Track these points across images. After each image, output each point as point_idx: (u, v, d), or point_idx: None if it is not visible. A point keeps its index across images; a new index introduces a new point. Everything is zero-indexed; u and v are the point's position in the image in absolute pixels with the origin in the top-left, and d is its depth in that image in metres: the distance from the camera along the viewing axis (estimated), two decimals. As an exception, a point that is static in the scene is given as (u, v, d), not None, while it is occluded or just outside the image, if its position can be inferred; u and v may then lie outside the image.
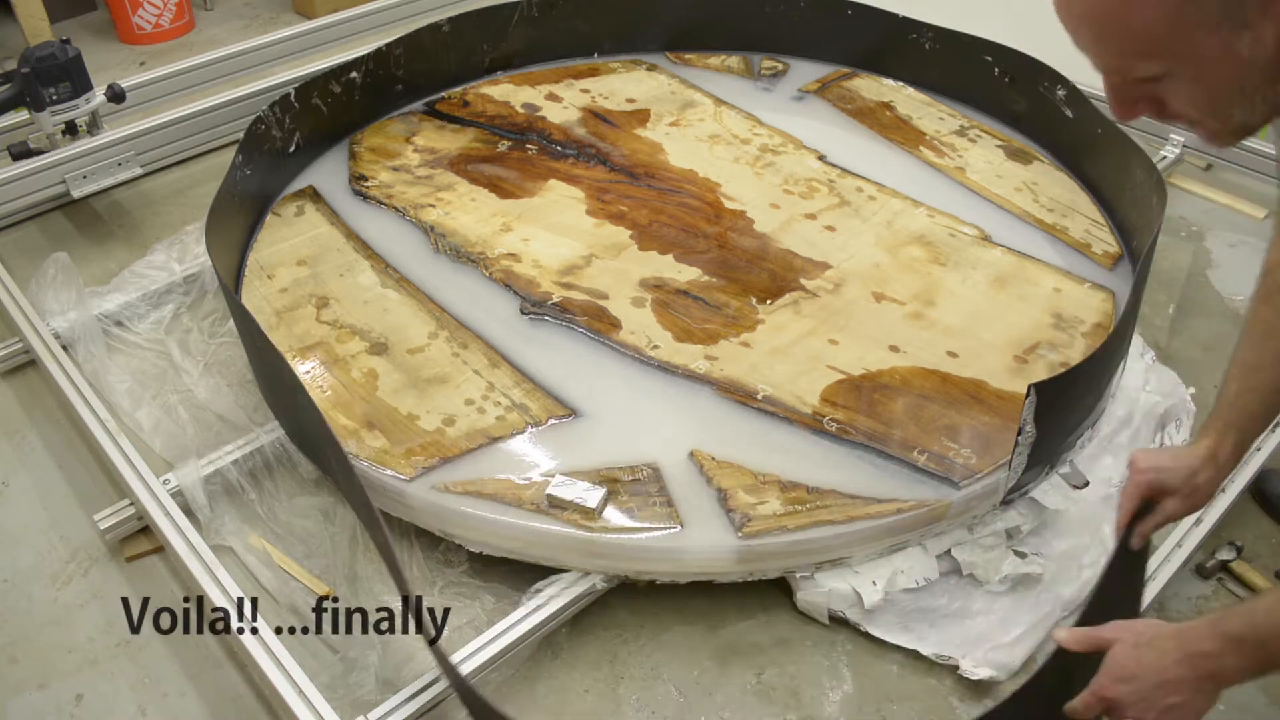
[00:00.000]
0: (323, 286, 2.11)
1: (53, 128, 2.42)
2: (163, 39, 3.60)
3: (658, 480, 1.69)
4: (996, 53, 2.64)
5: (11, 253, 2.48)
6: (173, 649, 1.65)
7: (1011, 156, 2.56)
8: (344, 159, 2.54)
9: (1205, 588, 1.75)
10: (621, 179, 2.45)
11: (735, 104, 2.75)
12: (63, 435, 2.03)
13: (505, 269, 2.15)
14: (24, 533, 1.84)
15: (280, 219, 2.32)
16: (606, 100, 2.77)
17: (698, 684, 1.59)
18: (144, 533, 1.80)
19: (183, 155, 2.76)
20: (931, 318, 2.04)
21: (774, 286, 2.12)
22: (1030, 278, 2.15)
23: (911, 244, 2.24)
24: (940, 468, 1.71)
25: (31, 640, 1.67)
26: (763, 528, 1.61)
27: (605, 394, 1.86)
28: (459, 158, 2.53)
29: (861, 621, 1.64)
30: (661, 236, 2.26)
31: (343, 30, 3.07)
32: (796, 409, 1.82)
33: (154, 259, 2.36)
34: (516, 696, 1.57)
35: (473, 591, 1.68)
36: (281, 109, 2.37)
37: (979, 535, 1.70)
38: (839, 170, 2.49)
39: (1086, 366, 1.68)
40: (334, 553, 1.74)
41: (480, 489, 1.67)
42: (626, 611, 1.69)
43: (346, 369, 1.91)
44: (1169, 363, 2.12)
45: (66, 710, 1.57)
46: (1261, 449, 1.84)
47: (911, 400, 1.84)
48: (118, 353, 2.15)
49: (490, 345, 1.96)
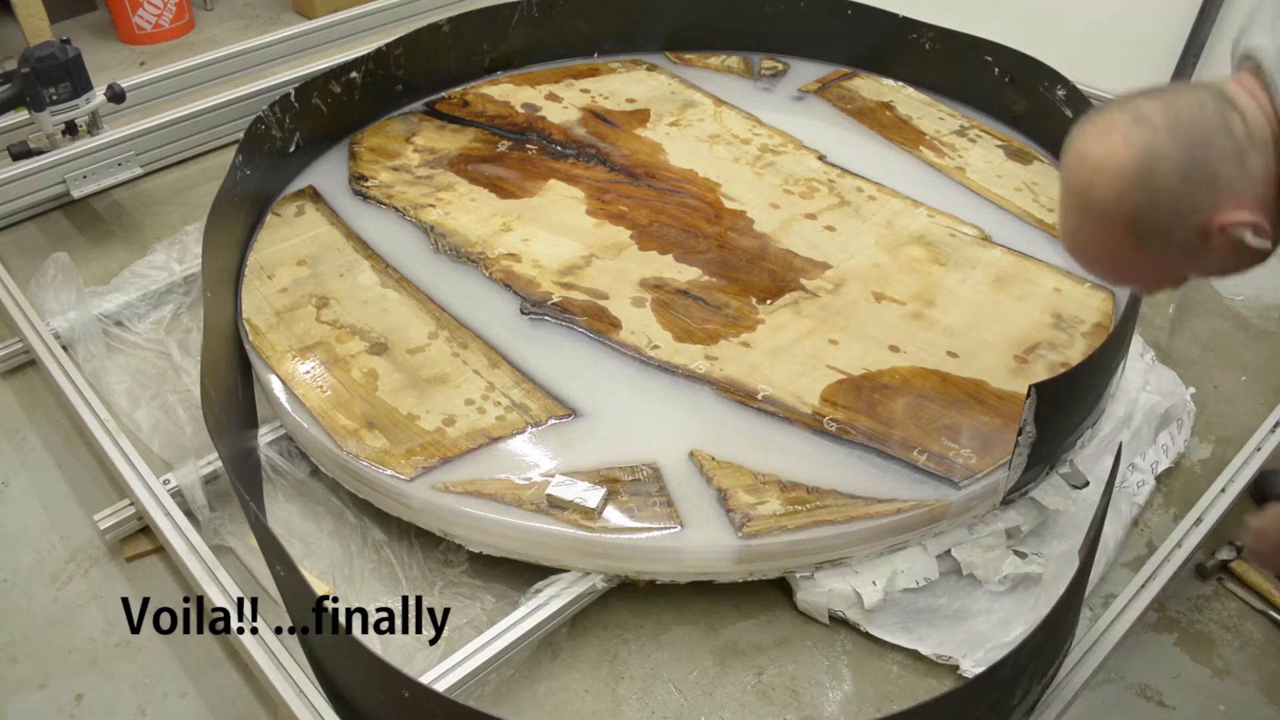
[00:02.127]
0: (323, 286, 2.11)
1: (53, 128, 2.42)
2: (163, 39, 3.60)
3: (658, 480, 1.69)
4: (996, 53, 2.63)
5: (11, 253, 2.48)
6: (173, 649, 1.65)
7: (1011, 156, 2.56)
8: (344, 159, 2.54)
9: (1205, 588, 1.76)
10: (621, 179, 2.45)
11: (735, 104, 2.75)
12: (63, 435, 2.03)
13: (505, 269, 2.15)
14: (24, 533, 1.84)
15: (280, 219, 2.32)
16: (606, 100, 2.77)
17: (698, 684, 1.59)
18: (144, 533, 1.80)
19: (183, 155, 2.76)
20: (931, 318, 2.04)
21: (774, 286, 2.12)
22: (1030, 278, 2.15)
23: (911, 244, 2.24)
24: (940, 468, 1.71)
25: (31, 640, 1.67)
26: (762, 528, 1.61)
27: (605, 394, 1.86)
28: (459, 158, 2.53)
29: (861, 621, 1.64)
30: (661, 236, 2.26)
31: (343, 30, 3.07)
32: (796, 409, 1.83)
33: (154, 259, 2.37)
34: (516, 696, 1.57)
35: (473, 591, 1.69)
36: (281, 109, 2.37)
37: (979, 535, 1.70)
38: (839, 170, 2.49)
39: (1086, 366, 1.68)
40: (333, 553, 1.74)
41: (480, 489, 1.67)
42: (626, 611, 1.69)
43: (346, 369, 1.91)
44: (1169, 363, 2.12)
45: (66, 710, 1.57)
46: (1262, 449, 1.85)
47: (911, 400, 1.84)
48: (117, 353, 2.15)
49: (490, 345, 1.97)
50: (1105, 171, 1.08)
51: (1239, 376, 2.16)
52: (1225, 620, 1.71)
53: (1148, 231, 1.09)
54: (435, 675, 1.48)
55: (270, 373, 1.90)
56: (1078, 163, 1.12)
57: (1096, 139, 1.10)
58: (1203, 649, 1.66)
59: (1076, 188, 1.12)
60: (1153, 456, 1.91)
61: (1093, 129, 1.11)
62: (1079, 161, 1.12)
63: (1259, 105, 1.07)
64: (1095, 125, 1.12)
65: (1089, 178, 1.10)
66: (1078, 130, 1.14)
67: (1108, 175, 1.08)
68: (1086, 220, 1.13)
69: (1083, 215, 1.13)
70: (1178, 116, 1.06)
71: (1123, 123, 1.08)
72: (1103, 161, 1.08)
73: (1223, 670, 1.63)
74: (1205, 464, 1.96)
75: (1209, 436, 2.02)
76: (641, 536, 1.61)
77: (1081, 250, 1.19)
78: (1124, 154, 1.07)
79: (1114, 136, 1.08)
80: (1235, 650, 1.66)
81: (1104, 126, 1.10)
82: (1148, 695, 1.59)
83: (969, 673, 1.56)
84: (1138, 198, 1.07)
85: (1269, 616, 1.70)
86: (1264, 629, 1.69)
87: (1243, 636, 1.68)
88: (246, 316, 2.03)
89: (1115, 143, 1.08)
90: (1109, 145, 1.08)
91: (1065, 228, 1.18)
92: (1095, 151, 1.09)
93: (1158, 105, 1.07)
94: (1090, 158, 1.10)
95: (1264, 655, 1.65)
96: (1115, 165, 1.07)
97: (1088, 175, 1.10)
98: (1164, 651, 1.66)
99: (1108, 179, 1.08)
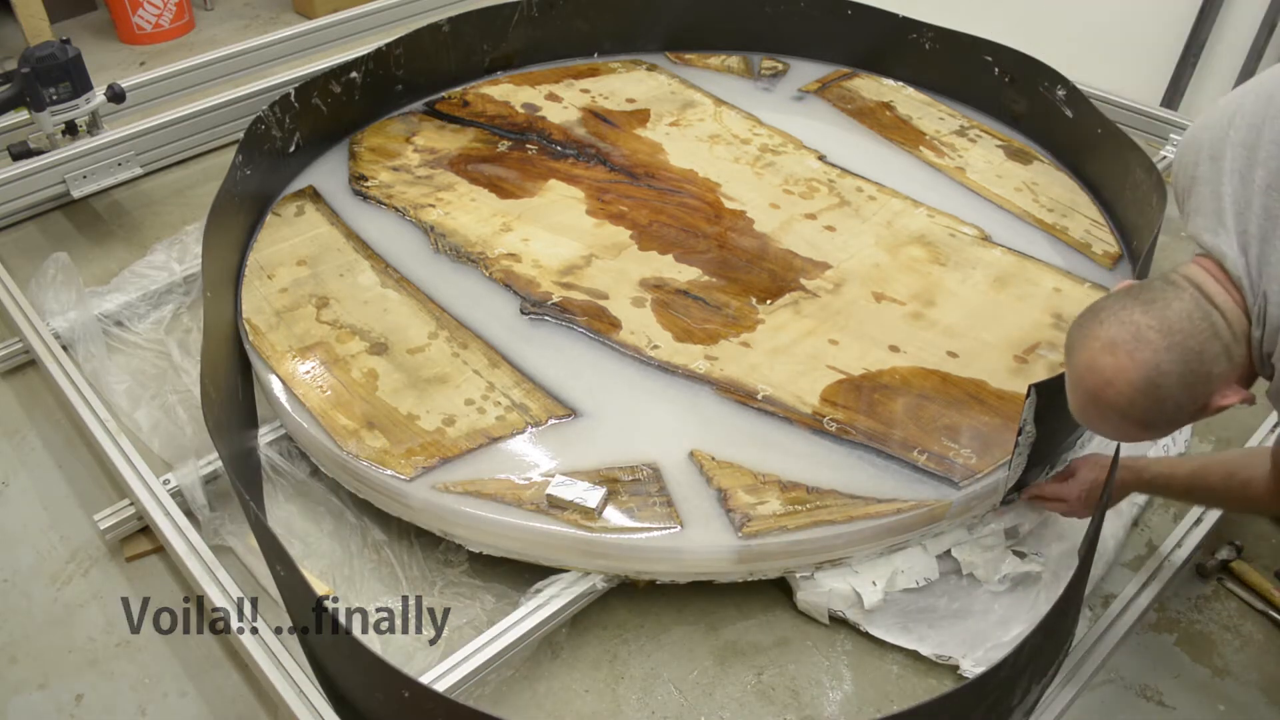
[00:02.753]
0: (323, 286, 2.11)
1: (53, 128, 2.42)
2: (163, 39, 3.61)
3: (658, 480, 1.69)
4: (996, 53, 2.64)
5: (11, 253, 2.48)
6: (173, 649, 1.65)
7: (1011, 156, 2.56)
8: (344, 159, 2.54)
9: (1205, 587, 1.75)
10: (621, 179, 2.45)
11: (735, 104, 2.75)
12: (63, 435, 2.03)
13: (505, 269, 2.15)
14: (24, 533, 1.84)
15: (280, 219, 2.32)
16: (606, 100, 2.77)
17: (698, 684, 1.59)
18: (144, 533, 1.80)
19: (183, 155, 2.76)
20: (931, 318, 2.04)
21: (774, 286, 2.12)
22: (1030, 278, 2.15)
23: (911, 244, 2.24)
24: (940, 468, 1.71)
25: (31, 640, 1.67)
26: (762, 528, 1.61)
27: (605, 394, 1.86)
28: (459, 158, 2.53)
29: (861, 621, 1.64)
30: (661, 236, 2.26)
31: (343, 30, 3.08)
32: (796, 409, 1.82)
33: (154, 259, 2.37)
34: (516, 696, 1.57)
35: (473, 591, 1.69)
36: (281, 109, 2.37)
37: (979, 535, 1.70)
38: (839, 170, 2.49)
39: (1086, 366, 1.68)
40: (333, 553, 1.74)
41: (480, 489, 1.67)
42: (626, 611, 1.69)
43: (346, 369, 1.91)
44: (1169, 363, 2.12)
45: (66, 710, 1.57)
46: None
47: (911, 400, 1.84)
48: (117, 353, 2.15)
49: (490, 345, 1.97)
50: (1115, 385, 1.20)
51: (1239, 376, 2.16)
52: (1225, 620, 1.71)
53: (1154, 424, 1.23)
54: (435, 675, 1.48)
55: (270, 373, 1.90)
56: (1088, 370, 1.23)
57: (1104, 353, 1.21)
58: (1203, 649, 1.66)
59: (1088, 390, 1.24)
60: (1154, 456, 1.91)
61: (1097, 343, 1.22)
62: (1089, 370, 1.23)
63: (1234, 301, 1.19)
64: (1099, 338, 1.22)
65: (1101, 388, 1.22)
66: (1083, 336, 1.24)
67: (1118, 388, 1.20)
68: (1099, 415, 1.26)
69: (1094, 409, 1.25)
70: (1172, 331, 1.18)
71: (1124, 341, 1.19)
72: (1113, 376, 1.20)
73: (1223, 670, 1.63)
74: (1205, 464, 1.96)
75: (1209, 436, 2.02)
76: (641, 536, 1.61)
77: (1091, 425, 1.31)
78: (1131, 371, 1.19)
79: (1120, 354, 1.19)
80: (1235, 650, 1.66)
81: (1108, 342, 1.21)
82: (1148, 695, 1.59)
83: (969, 673, 1.56)
84: (1145, 403, 1.20)
85: (1269, 616, 1.70)
86: (1264, 629, 1.69)
87: (1243, 636, 1.68)
88: (246, 316, 2.03)
89: (1122, 361, 1.19)
90: (1117, 362, 1.19)
91: (1076, 409, 1.29)
92: (1104, 365, 1.21)
93: (1152, 321, 1.19)
94: (1100, 370, 1.21)
95: (1264, 655, 1.65)
96: (1124, 380, 1.19)
97: (1099, 385, 1.22)
98: (1164, 651, 1.66)
99: (1119, 390, 1.20)
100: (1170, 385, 1.18)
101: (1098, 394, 1.22)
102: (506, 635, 1.54)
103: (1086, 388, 1.24)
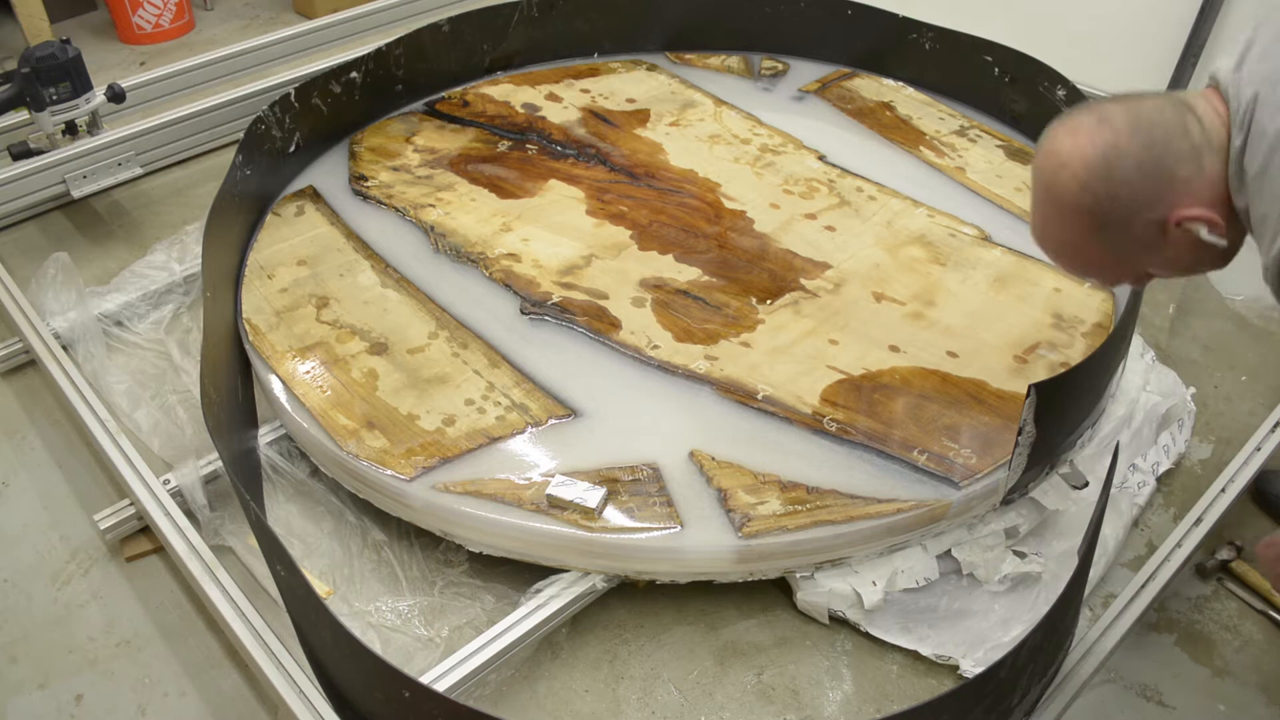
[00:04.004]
0: (323, 286, 2.11)
1: (53, 128, 2.42)
2: (163, 39, 3.61)
3: (658, 480, 1.69)
4: (996, 53, 2.63)
5: (11, 253, 2.48)
6: (173, 649, 1.65)
7: (1011, 156, 2.56)
8: (344, 159, 2.54)
9: (1205, 588, 1.76)
10: (621, 179, 2.45)
11: (735, 104, 2.75)
12: (63, 435, 2.03)
13: (505, 269, 2.15)
14: (24, 533, 1.84)
15: (280, 219, 2.32)
16: (606, 100, 2.77)
17: (698, 684, 1.59)
18: (144, 533, 1.80)
19: (183, 155, 2.76)
20: (931, 318, 2.04)
21: (774, 286, 2.12)
22: (1030, 278, 2.15)
23: (911, 244, 2.24)
24: (940, 468, 1.71)
25: (31, 640, 1.67)
26: (763, 528, 1.61)
27: (605, 394, 1.86)
28: (459, 158, 2.53)
29: (861, 621, 1.64)
30: (661, 236, 2.26)
31: (343, 30, 3.07)
32: (796, 409, 1.83)
33: (154, 259, 2.37)
34: (516, 696, 1.57)
35: (473, 591, 1.69)
36: (281, 109, 2.37)
37: (979, 535, 1.70)
38: (839, 170, 2.49)
39: (1086, 366, 1.68)
40: (333, 553, 1.74)
41: (480, 489, 1.67)
42: (626, 611, 1.69)
43: (346, 369, 1.91)
44: (1169, 363, 2.12)
45: (66, 710, 1.57)
46: (1262, 449, 1.84)
47: (911, 400, 1.84)
48: (117, 353, 2.15)
49: (490, 345, 1.97)
50: (1070, 165, 1.18)
51: (1239, 377, 2.16)
52: (1225, 620, 1.71)
53: (1108, 222, 1.19)
54: (435, 675, 1.48)
55: (270, 373, 1.90)
56: (1046, 157, 1.21)
57: (1064, 136, 1.20)
58: (1203, 649, 1.66)
59: (1044, 180, 1.22)
60: (1153, 457, 1.91)
61: (1062, 128, 1.21)
62: (1047, 156, 1.21)
63: (1216, 112, 1.16)
64: (1064, 125, 1.21)
65: (1055, 171, 1.20)
66: (1049, 130, 1.23)
67: (1073, 168, 1.18)
68: (1053, 211, 1.23)
69: (1049, 206, 1.23)
70: (1138, 118, 1.15)
71: (1088, 123, 1.18)
72: (1069, 157, 1.18)
73: (1223, 670, 1.63)
74: (1205, 464, 1.96)
75: (1209, 437, 2.02)
76: (641, 536, 1.61)
77: (1048, 240, 1.29)
78: (1088, 149, 1.16)
79: (1080, 135, 1.18)
80: (1235, 650, 1.66)
81: (1072, 126, 1.19)
82: (1148, 695, 1.59)
83: (969, 673, 1.56)
84: (1100, 189, 1.17)
85: (1269, 616, 1.70)
86: (1264, 629, 1.69)
87: (1243, 636, 1.68)
88: (246, 316, 2.03)
89: (1080, 140, 1.17)
90: (1075, 142, 1.18)
91: (1034, 219, 1.28)
92: (1062, 147, 1.19)
93: (1121, 108, 1.17)
94: (1057, 153, 1.20)
95: (1264, 655, 1.65)
96: (1080, 160, 1.17)
97: (1054, 168, 1.20)
98: (1164, 651, 1.66)
99: (1073, 172, 1.18)
100: (1127, 169, 1.14)
101: (1051, 183, 1.20)
102: (506, 635, 1.54)
103: (1041, 177, 1.22)
